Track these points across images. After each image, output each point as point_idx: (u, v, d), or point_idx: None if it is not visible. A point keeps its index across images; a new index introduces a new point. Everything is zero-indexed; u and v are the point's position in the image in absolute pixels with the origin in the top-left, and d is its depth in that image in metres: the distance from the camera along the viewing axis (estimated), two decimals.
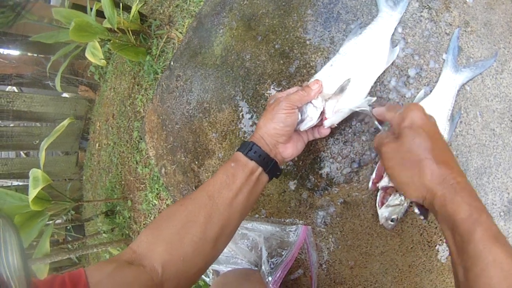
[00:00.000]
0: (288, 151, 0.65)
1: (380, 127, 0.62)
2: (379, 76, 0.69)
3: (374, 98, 0.65)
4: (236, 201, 0.59)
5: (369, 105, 0.63)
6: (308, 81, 0.75)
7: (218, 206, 0.58)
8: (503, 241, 0.42)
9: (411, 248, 0.68)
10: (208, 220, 0.56)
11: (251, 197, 0.62)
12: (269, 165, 0.62)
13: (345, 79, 0.65)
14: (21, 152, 3.44)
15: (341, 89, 0.65)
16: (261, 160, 0.61)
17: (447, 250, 0.66)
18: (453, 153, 0.53)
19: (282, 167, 0.79)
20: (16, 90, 3.05)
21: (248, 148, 0.62)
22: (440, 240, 0.66)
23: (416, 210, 0.56)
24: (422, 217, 0.56)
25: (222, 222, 0.58)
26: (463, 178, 0.48)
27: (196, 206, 0.58)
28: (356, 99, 0.65)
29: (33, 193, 1.49)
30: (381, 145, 0.56)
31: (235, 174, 0.60)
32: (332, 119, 0.65)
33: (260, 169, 0.61)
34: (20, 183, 2.89)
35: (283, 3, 0.81)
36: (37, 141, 2.48)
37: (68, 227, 2.34)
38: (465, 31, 0.67)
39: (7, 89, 2.99)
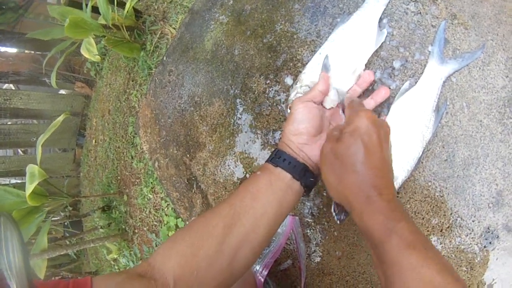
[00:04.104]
0: (316, 153, 0.59)
1: (343, 116, 0.61)
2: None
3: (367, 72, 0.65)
4: (262, 210, 0.53)
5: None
6: (294, 74, 0.77)
7: (240, 216, 0.52)
8: (420, 247, 0.43)
9: None
10: (227, 231, 0.51)
11: (281, 207, 0.55)
12: (298, 169, 0.56)
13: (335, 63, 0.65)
14: (19, 150, 3.45)
15: (325, 67, 0.65)
16: (286, 165, 0.56)
17: (433, 240, 0.67)
18: (391, 168, 0.53)
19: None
20: (13, 88, 3.05)
21: (273, 155, 0.58)
22: (427, 230, 0.67)
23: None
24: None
25: (242, 234, 0.52)
26: (389, 191, 0.48)
27: (215, 216, 0.53)
28: (350, 77, 0.66)
29: (30, 188, 1.51)
30: (327, 138, 0.55)
31: (259, 181, 0.55)
32: (331, 98, 0.63)
33: (288, 175, 0.56)
34: (19, 181, 2.90)
35: None
36: (35, 139, 2.49)
37: (66, 223, 2.35)
38: (452, 23, 0.66)
39: (4, 87, 3.00)
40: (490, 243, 0.63)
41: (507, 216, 0.63)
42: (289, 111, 0.67)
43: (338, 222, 0.58)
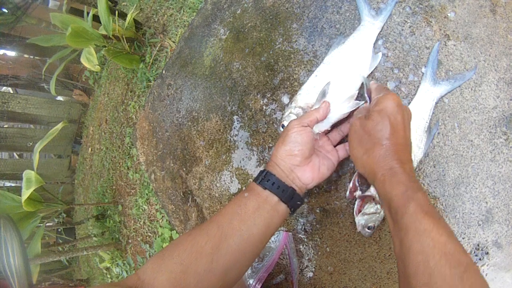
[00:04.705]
0: (307, 175, 0.61)
1: (368, 100, 0.63)
2: (360, 89, 0.70)
3: (362, 102, 0.66)
4: (249, 232, 0.56)
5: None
6: (291, 93, 0.78)
7: (227, 237, 0.54)
8: (434, 215, 0.46)
9: (389, 255, 0.70)
10: (215, 251, 0.53)
11: (267, 230, 0.58)
12: (286, 193, 0.59)
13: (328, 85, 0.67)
14: (15, 154, 3.43)
15: (323, 94, 0.66)
16: (275, 189, 0.58)
17: None
18: (411, 148, 0.58)
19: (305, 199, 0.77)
20: (11, 91, 3.05)
21: (262, 176, 0.60)
22: None
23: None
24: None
25: (229, 254, 0.54)
26: (409, 165, 0.53)
27: (203, 236, 0.55)
28: (343, 105, 0.67)
29: (26, 194, 1.51)
30: (354, 117, 0.60)
31: (247, 204, 0.57)
32: (319, 125, 0.66)
33: (275, 198, 0.59)
34: (13, 184, 2.88)
35: (271, 17, 0.84)
36: (31, 143, 2.48)
37: (59, 230, 2.34)
38: (445, 44, 0.68)
39: (2, 90, 3.00)
40: (480, 259, 0.64)
41: (496, 233, 0.64)
42: (281, 129, 0.69)
43: (360, 192, 0.63)
